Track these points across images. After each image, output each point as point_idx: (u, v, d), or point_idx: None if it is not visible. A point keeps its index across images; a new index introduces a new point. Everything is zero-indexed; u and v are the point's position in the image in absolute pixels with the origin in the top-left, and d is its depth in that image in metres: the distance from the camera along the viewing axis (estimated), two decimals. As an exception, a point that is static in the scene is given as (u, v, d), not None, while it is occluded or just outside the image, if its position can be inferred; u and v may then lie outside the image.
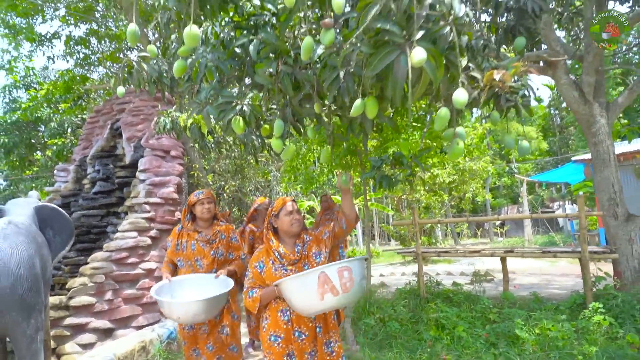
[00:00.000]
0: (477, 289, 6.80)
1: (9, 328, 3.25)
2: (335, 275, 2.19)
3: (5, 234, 3.42)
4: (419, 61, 1.60)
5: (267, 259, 2.54)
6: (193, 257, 3.27)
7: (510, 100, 2.77)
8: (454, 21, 1.84)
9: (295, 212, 2.58)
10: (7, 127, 10.90)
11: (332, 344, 2.56)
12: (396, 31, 1.72)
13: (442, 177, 10.85)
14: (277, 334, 2.47)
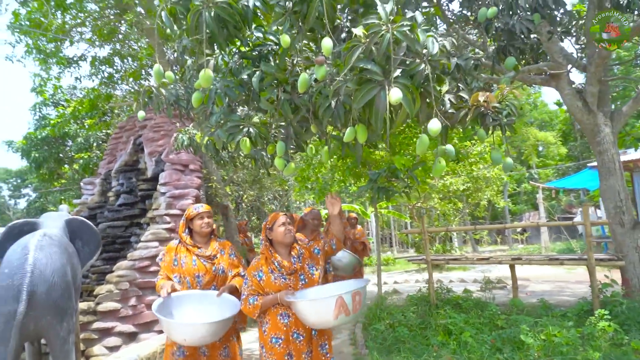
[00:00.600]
0: (487, 295, 6.92)
1: (44, 330, 3.60)
2: (350, 299, 2.49)
3: (41, 245, 3.78)
4: (396, 100, 1.88)
5: (266, 268, 2.76)
6: (194, 274, 3.08)
7: (495, 119, 2.97)
8: (429, 58, 2.09)
9: (287, 224, 2.81)
10: (37, 142, 11.53)
11: (326, 346, 2.82)
12: (376, 70, 1.99)
13: (455, 185, 10.97)
14: (277, 336, 2.70)
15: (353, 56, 2.01)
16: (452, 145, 3.10)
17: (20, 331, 3.40)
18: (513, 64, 3.39)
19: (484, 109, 3.01)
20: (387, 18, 1.97)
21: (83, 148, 10.91)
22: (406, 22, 2.03)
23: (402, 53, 2.06)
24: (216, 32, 2.34)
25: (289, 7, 2.26)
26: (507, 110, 2.98)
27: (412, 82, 2.09)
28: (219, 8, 2.32)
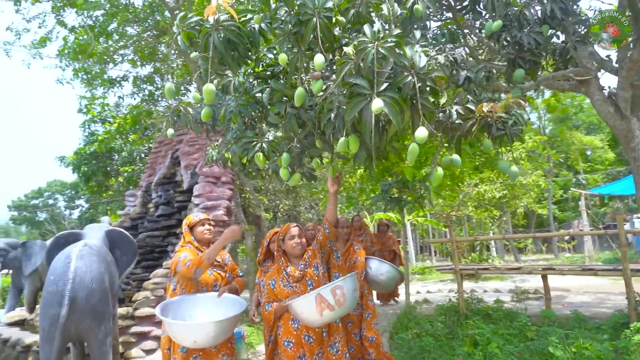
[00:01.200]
0: (519, 306, 6.77)
1: (84, 332, 3.93)
2: (330, 295, 2.59)
3: (82, 254, 4.14)
4: (377, 109, 2.01)
5: (277, 277, 2.97)
6: (211, 283, 3.09)
7: (501, 129, 3.02)
8: (417, 71, 2.20)
9: (297, 237, 2.98)
10: (86, 157, 12.36)
11: (336, 344, 2.94)
12: (364, 84, 2.13)
13: (490, 193, 10.77)
14: (289, 339, 2.88)
15: (342, 72, 2.16)
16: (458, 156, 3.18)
17: (63, 332, 3.74)
18: (522, 76, 3.42)
19: (489, 119, 3.07)
20: (373, 36, 2.11)
21: (127, 162, 11.58)
22: (392, 38, 2.17)
23: (389, 67, 2.18)
24: (224, 54, 2.53)
25: (289, 29, 2.44)
26: (513, 119, 3.02)
27: (400, 94, 2.20)
28: (228, 31, 2.52)
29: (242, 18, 2.65)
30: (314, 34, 2.36)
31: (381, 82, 2.15)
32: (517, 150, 11.22)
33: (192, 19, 2.65)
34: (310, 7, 2.28)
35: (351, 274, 2.83)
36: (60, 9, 7.59)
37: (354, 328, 3.85)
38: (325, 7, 2.31)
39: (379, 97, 2.07)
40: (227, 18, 2.55)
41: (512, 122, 3.02)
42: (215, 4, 2.49)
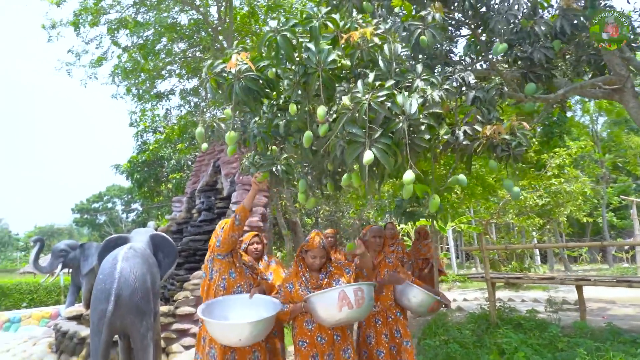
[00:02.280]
0: (554, 316, 6.65)
1: (128, 327, 4.38)
2: (352, 293, 2.80)
3: (127, 257, 4.61)
4: (367, 161, 2.30)
5: (295, 281, 3.15)
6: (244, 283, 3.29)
7: (506, 150, 3.13)
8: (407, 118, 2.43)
9: (319, 258, 3.12)
10: (138, 165, 13.27)
11: (349, 351, 3.12)
12: (359, 134, 2.39)
13: (531, 200, 10.52)
14: (303, 339, 3.07)
15: (341, 121, 2.45)
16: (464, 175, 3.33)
17: (109, 326, 4.20)
18: (533, 90, 3.50)
19: (494, 140, 3.19)
20: (365, 91, 2.40)
21: (176, 169, 12.33)
22: (384, 92, 2.43)
23: (382, 116, 2.43)
24: (244, 99, 2.90)
25: (297, 80, 2.75)
26: (517, 141, 3.12)
27: (393, 138, 2.45)
28: (247, 80, 2.89)
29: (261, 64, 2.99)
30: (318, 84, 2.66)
31: (375, 131, 2.42)
32: (560, 156, 10.92)
33: (218, 67, 3.01)
34: (314, 62, 2.57)
35: (370, 283, 3.06)
36: (115, 30, 8.32)
37: (383, 327, 3.57)
38: (327, 61, 2.59)
39: (373, 144, 2.37)
40: (247, 68, 2.91)
41: (516, 144, 3.12)
42: (235, 59, 2.86)
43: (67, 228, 51.11)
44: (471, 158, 3.49)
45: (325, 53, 2.59)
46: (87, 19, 7.72)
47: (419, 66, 2.92)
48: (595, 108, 19.03)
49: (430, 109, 2.69)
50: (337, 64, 2.70)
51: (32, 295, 12.09)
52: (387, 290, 3.63)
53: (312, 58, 2.59)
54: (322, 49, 2.62)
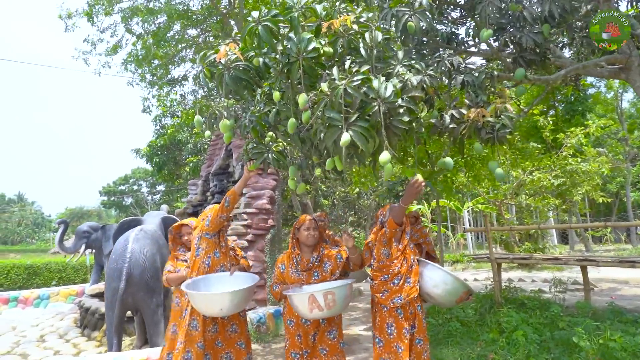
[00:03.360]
0: (559, 296, 6.71)
1: (139, 303, 4.69)
2: (321, 298, 2.81)
3: (137, 238, 4.89)
4: (344, 142, 2.40)
5: (287, 262, 3.25)
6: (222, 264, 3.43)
7: (490, 133, 3.19)
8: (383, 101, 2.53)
9: (312, 229, 3.20)
10: (157, 149, 13.65)
11: (334, 332, 3.24)
12: (337, 117, 2.50)
13: (544, 181, 10.40)
14: (291, 319, 3.23)
15: (319, 107, 2.58)
16: (450, 158, 3.42)
17: (121, 302, 4.51)
18: (522, 75, 3.53)
19: (479, 123, 3.26)
20: (340, 77, 2.50)
21: (192, 152, 12.62)
22: (359, 76, 2.54)
23: (359, 100, 2.54)
24: (234, 88, 3.05)
25: (281, 68, 2.87)
26: (501, 123, 3.17)
27: (370, 121, 2.56)
28: (236, 69, 3.03)
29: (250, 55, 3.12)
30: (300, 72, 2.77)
31: (353, 113, 2.53)
32: (576, 136, 10.71)
33: (211, 57, 3.16)
34: (295, 51, 2.68)
35: (346, 283, 3.02)
36: (128, 18, 8.52)
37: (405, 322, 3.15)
38: (308, 50, 2.69)
39: (350, 127, 2.46)
40: (236, 58, 3.04)
41: (499, 127, 3.18)
42: (224, 50, 3.00)
43: (96, 210, 52.79)
44: (463, 141, 3.56)
45: (305, 42, 2.70)
46: (99, 10, 7.95)
47: (400, 52, 3.00)
48: (620, 84, 18.39)
49: (409, 92, 2.78)
50: (319, 52, 2.81)
51: (60, 274, 12.77)
52: (414, 281, 3.13)
53: (292, 47, 2.70)
54: (302, 38, 2.72)
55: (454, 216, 23.64)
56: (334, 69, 2.55)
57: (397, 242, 3.27)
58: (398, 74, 2.85)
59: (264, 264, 6.94)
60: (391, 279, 3.18)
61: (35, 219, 60.40)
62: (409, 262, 3.19)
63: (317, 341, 3.20)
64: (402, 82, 2.78)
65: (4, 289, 11.82)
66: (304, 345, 3.17)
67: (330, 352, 3.19)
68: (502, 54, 4.08)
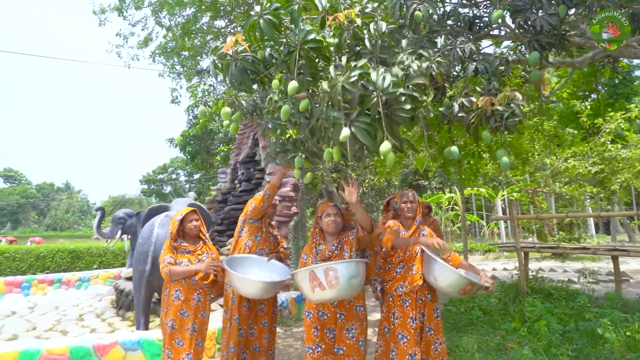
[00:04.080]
0: (588, 287, 6.51)
1: (164, 286, 4.92)
2: (322, 274, 2.66)
3: (162, 223, 5.12)
4: (343, 137, 2.43)
5: (309, 253, 3.10)
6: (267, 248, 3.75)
7: (499, 121, 3.14)
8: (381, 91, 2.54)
9: (333, 215, 3.03)
10: (190, 138, 14.04)
11: (353, 331, 2.99)
12: (338, 116, 2.53)
13: (580, 168, 10.00)
14: (309, 310, 3.04)
15: (322, 105, 2.62)
16: (456, 147, 3.39)
17: (147, 284, 4.76)
18: (537, 59, 3.43)
19: (487, 112, 3.21)
20: (337, 73, 2.54)
21: (223, 142, 12.90)
22: (357, 71, 2.56)
23: (357, 95, 2.56)
24: (240, 79, 3.09)
25: (282, 58, 2.90)
26: (510, 111, 3.11)
27: (371, 114, 2.57)
28: (243, 60, 3.08)
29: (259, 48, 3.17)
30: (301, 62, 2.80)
31: (353, 109, 2.55)
32: (615, 120, 10.22)
33: (221, 50, 3.23)
34: (293, 41, 2.71)
35: (350, 261, 2.80)
36: (158, 11, 8.77)
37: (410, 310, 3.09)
38: (306, 40, 2.71)
39: (352, 124, 2.49)
40: (243, 49, 3.09)
41: (508, 115, 3.12)
42: (231, 41, 3.05)
43: (137, 198, 54.84)
44: (477, 130, 3.51)
45: (304, 33, 2.73)
46: (130, 5, 8.23)
47: (404, 41, 2.99)
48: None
49: (412, 80, 2.76)
50: (321, 43, 2.83)
51: (101, 258, 13.46)
52: (417, 269, 3.12)
53: (292, 38, 2.74)
54: (302, 29, 2.76)
55: (489, 205, 23.11)
56: (331, 67, 2.57)
57: (405, 229, 3.26)
58: (401, 62, 2.84)
59: (287, 250, 7.10)
60: (394, 267, 3.17)
61: (82, 207, 63.49)
62: (413, 249, 3.14)
63: (335, 339, 2.99)
64: (405, 70, 2.78)
65: (50, 272, 12.60)
66: (318, 339, 2.96)
67: (347, 352, 2.96)
68: (521, 37, 3.97)
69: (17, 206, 62.06)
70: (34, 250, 13.21)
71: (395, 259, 3.16)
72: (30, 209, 64.50)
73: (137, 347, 4.33)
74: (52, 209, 61.43)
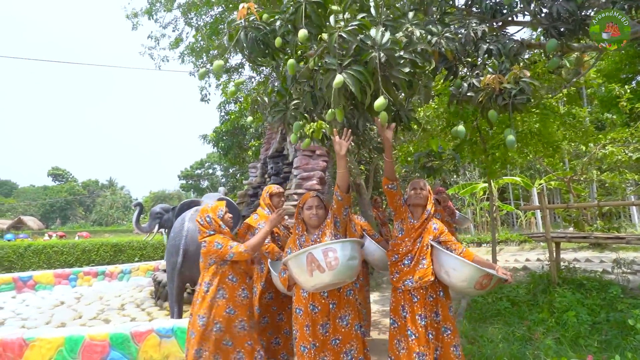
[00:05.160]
0: (625, 278, 6.31)
1: (195, 277, 5.15)
2: (321, 255, 2.51)
3: (193, 218, 5.37)
4: (337, 83, 2.43)
5: (293, 246, 2.96)
6: None
7: (505, 99, 3.12)
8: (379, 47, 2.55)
9: (315, 208, 2.92)
10: (222, 134, 14.42)
11: (347, 317, 2.84)
12: (332, 62, 2.56)
13: (619, 154, 9.61)
14: (299, 307, 2.87)
15: (317, 52, 2.66)
16: (463, 127, 3.38)
17: (179, 275, 5.02)
18: (554, 46, 3.39)
19: (498, 90, 3.20)
20: (336, 24, 2.57)
21: (255, 137, 13.17)
22: (354, 22, 2.59)
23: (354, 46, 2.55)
24: (251, 49, 3.00)
25: (287, 17, 2.88)
26: (518, 89, 3.07)
27: (367, 68, 2.53)
28: (252, 28, 3.00)
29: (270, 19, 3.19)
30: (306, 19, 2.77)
31: (348, 57, 2.54)
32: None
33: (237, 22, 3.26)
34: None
35: (349, 240, 2.66)
36: (187, 12, 9.07)
37: (419, 308, 2.92)
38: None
39: (344, 70, 2.45)
40: (254, 19, 3.10)
41: (515, 93, 3.09)
42: (243, 8, 3.06)
43: (176, 193, 56.54)
44: (488, 109, 3.49)
45: None
46: (159, 8, 8.57)
47: (411, 13, 3.00)
48: None
49: (414, 46, 2.75)
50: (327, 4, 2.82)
51: (142, 251, 14.12)
52: (428, 263, 2.94)
53: None
54: None
55: (527, 194, 22.46)
56: (331, 17, 2.58)
57: (414, 219, 3.06)
58: (405, 29, 2.82)
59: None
60: (400, 259, 2.99)
61: (125, 202, 66.12)
62: (424, 242, 2.96)
63: (329, 333, 2.80)
64: (407, 37, 2.76)
65: (95, 264, 13.34)
66: (311, 337, 2.78)
67: (344, 340, 2.82)
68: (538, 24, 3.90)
69: (65, 203, 65.47)
70: (80, 244, 14.02)
71: (402, 249, 3.00)
72: (77, 205, 67.84)
73: (170, 334, 4.60)
74: (97, 205, 64.36)
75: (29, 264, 13.63)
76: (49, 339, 4.45)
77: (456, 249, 3.00)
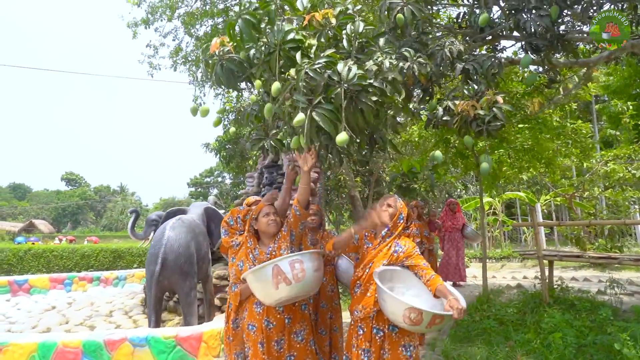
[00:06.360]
0: (619, 299, 6.11)
1: (173, 285, 5.15)
2: (287, 267, 2.46)
3: (174, 226, 5.36)
4: (297, 122, 2.46)
5: (245, 259, 2.82)
6: None
7: (480, 125, 3.08)
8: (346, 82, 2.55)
9: (272, 214, 2.84)
10: (224, 143, 14.46)
11: (302, 332, 2.78)
12: (301, 99, 2.57)
13: (620, 172, 9.41)
14: (252, 323, 2.75)
15: (286, 90, 2.67)
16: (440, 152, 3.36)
17: (157, 283, 4.99)
18: (528, 62, 3.34)
19: (469, 117, 3.16)
20: (301, 63, 2.57)
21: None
22: (322, 60, 2.59)
23: (322, 83, 2.59)
24: (224, 79, 3.19)
25: (263, 58, 2.96)
26: (491, 116, 3.05)
27: (334, 103, 2.59)
28: (228, 60, 3.16)
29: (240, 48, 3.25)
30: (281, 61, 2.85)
31: (317, 95, 2.59)
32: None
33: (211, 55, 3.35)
34: (273, 42, 2.79)
35: (315, 251, 2.65)
36: (189, 24, 9.17)
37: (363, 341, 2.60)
38: (286, 40, 2.77)
39: (314, 109, 2.51)
40: (228, 50, 3.19)
41: (489, 119, 3.06)
42: (216, 42, 3.14)
43: (186, 200, 56.92)
44: (468, 132, 3.45)
45: (283, 32, 2.77)
46: (157, 18, 8.68)
47: (382, 40, 2.99)
48: None
49: (384, 75, 2.73)
50: (301, 43, 2.86)
51: (141, 257, 14.14)
52: (373, 292, 2.58)
53: (272, 38, 2.80)
54: (282, 28, 2.80)
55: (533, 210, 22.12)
56: (298, 54, 2.60)
57: (369, 243, 2.76)
58: (376, 59, 2.82)
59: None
60: (352, 285, 2.76)
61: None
62: (374, 267, 2.62)
63: (284, 349, 2.72)
64: (378, 66, 2.76)
65: (94, 270, 13.41)
66: (266, 354, 2.68)
67: (299, 357, 2.74)
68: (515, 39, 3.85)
69: (77, 207, 66.29)
70: (79, 249, 14.13)
71: (355, 275, 2.76)
72: (89, 210, 68.68)
73: (144, 344, 4.56)
74: (107, 210, 65.04)
75: (28, 268, 13.78)
76: (22, 344, 4.44)
77: (423, 275, 2.54)
